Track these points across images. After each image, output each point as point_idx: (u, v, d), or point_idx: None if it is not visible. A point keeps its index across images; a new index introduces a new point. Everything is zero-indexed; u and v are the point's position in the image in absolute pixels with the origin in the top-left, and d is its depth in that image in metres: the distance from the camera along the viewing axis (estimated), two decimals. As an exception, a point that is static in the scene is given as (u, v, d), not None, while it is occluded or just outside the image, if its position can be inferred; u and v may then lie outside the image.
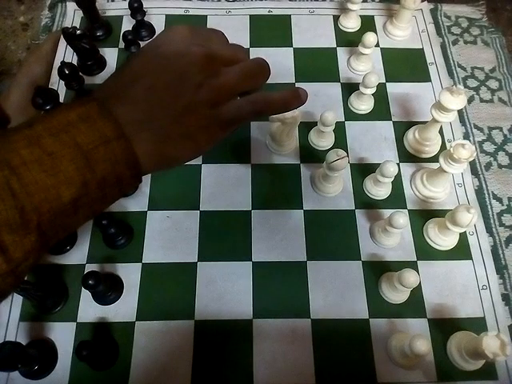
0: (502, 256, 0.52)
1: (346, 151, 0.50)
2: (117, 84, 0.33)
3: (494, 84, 0.64)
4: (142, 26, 0.64)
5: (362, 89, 0.57)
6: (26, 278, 0.48)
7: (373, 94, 0.58)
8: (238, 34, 0.66)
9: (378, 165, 0.51)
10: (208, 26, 0.66)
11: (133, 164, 0.30)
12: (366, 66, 0.62)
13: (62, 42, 0.63)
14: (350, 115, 0.60)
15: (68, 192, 0.28)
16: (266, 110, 0.37)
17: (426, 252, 0.51)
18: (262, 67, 0.37)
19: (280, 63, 0.63)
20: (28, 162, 0.27)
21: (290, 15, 0.68)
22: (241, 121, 0.36)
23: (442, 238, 0.51)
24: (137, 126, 0.31)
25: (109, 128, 0.29)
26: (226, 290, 0.49)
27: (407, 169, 0.56)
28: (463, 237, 0.52)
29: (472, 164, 0.57)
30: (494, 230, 0.54)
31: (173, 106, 0.32)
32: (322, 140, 0.57)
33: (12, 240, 0.26)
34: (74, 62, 0.62)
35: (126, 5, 0.62)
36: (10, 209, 0.26)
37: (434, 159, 0.56)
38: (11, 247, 0.26)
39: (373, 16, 0.68)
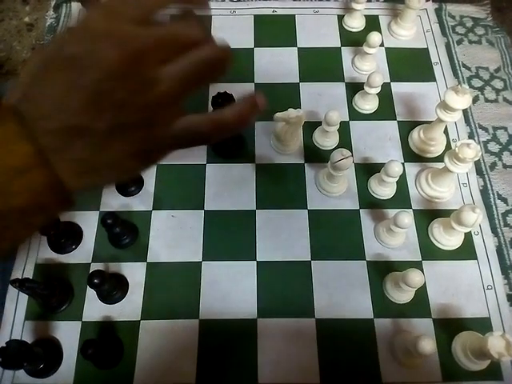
0: (507, 256, 0.52)
1: (351, 151, 0.50)
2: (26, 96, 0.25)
3: (498, 84, 0.63)
4: (147, 26, 0.64)
5: (366, 88, 0.57)
6: (31, 277, 0.49)
7: (377, 94, 0.58)
8: (242, 33, 0.66)
9: (383, 164, 0.50)
10: (212, 27, 0.66)
11: (58, 190, 0.25)
12: (371, 66, 0.62)
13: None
14: (355, 115, 0.60)
15: None
16: (215, 134, 0.29)
17: (430, 252, 0.51)
18: (220, 58, 0.28)
19: (284, 63, 0.63)
20: None
21: (295, 15, 0.68)
22: (183, 147, 0.29)
23: (447, 238, 0.51)
24: (57, 154, 0.24)
25: (28, 154, 0.23)
26: (231, 290, 0.49)
27: (412, 168, 0.56)
28: (468, 237, 0.52)
29: (477, 164, 0.57)
30: (498, 230, 0.53)
31: (89, 133, 0.25)
32: (327, 140, 0.57)
33: None
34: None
35: (130, 5, 0.62)
36: None
37: (439, 159, 0.56)
38: None
39: (377, 16, 0.68)
